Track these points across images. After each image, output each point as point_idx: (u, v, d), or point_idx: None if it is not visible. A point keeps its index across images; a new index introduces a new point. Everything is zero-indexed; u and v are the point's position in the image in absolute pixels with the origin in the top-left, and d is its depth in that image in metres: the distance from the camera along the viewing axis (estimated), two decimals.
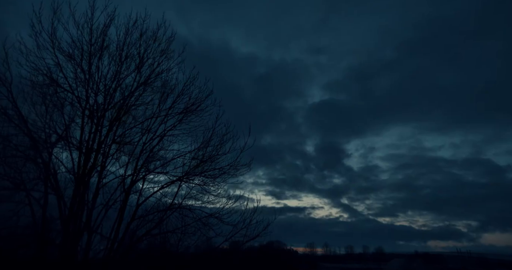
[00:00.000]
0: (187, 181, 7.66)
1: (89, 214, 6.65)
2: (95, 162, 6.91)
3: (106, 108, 7.14)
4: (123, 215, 6.97)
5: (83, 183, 6.67)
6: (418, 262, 71.11)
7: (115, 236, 6.80)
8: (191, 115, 7.81)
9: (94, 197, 6.78)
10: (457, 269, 68.51)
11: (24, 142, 6.76)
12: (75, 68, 6.95)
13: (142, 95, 7.61)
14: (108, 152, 7.19)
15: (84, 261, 6.41)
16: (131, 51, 7.34)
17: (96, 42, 6.99)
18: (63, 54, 6.83)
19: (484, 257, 75.93)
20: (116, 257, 6.75)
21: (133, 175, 7.32)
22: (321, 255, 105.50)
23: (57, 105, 7.00)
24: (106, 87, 7.16)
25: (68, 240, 6.26)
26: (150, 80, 7.62)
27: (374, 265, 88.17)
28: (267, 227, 7.21)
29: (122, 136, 7.43)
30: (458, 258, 77.23)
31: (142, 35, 7.37)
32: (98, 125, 7.09)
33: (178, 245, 7.81)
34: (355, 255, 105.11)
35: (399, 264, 70.64)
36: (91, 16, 6.93)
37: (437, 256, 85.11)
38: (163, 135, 7.68)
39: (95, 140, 7.03)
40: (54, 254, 6.66)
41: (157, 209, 7.46)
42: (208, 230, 7.45)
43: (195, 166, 7.61)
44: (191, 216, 7.52)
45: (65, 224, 6.35)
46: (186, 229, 7.48)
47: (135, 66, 7.42)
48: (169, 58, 7.74)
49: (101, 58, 7.09)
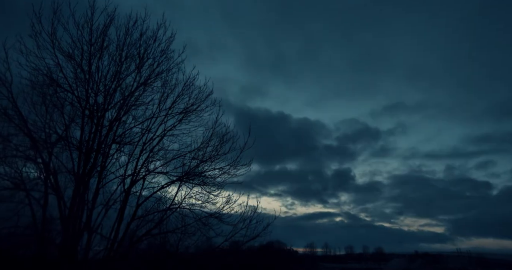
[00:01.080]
0: (187, 181, 7.66)
1: (89, 214, 6.66)
2: (95, 162, 6.91)
3: (106, 108, 7.14)
4: (123, 215, 6.97)
5: (83, 183, 6.67)
6: (418, 262, 71.15)
7: (115, 236, 6.80)
8: (191, 115, 7.83)
9: (94, 197, 6.78)
10: (457, 269, 68.52)
11: (24, 142, 6.76)
12: (75, 68, 6.95)
13: (142, 95, 7.62)
14: (108, 152, 7.19)
15: (84, 261, 6.41)
16: (131, 51, 7.35)
17: (96, 42, 6.99)
18: (63, 54, 6.82)
19: (484, 257, 75.93)
20: (116, 257, 6.76)
21: (133, 175, 7.32)
22: (321, 255, 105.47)
23: (57, 105, 7.00)
24: (106, 87, 7.16)
25: (68, 240, 6.27)
26: (150, 81, 7.63)
27: (374, 265, 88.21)
28: (267, 227, 7.23)
29: (122, 136, 7.44)
30: (458, 258, 77.23)
31: (142, 35, 7.38)
32: (98, 125, 7.09)
33: (178, 245, 7.82)
34: (355, 255, 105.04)
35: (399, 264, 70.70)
36: (91, 16, 6.92)
37: (437, 256, 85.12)
38: (163, 135, 7.69)
39: (95, 140, 7.03)
40: (54, 254, 6.67)
41: (157, 209, 7.46)
42: (208, 230, 7.45)
43: (195, 166, 7.62)
44: (191, 216, 7.53)
45: (65, 224, 6.35)
46: (186, 229, 7.49)
47: (135, 66, 7.43)
48: (169, 58, 7.75)
49: (101, 58, 7.09)
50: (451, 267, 71.05)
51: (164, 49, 7.67)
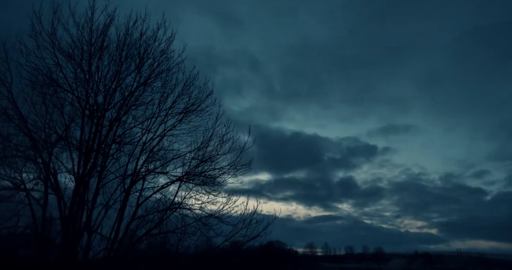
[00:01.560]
0: (187, 181, 7.66)
1: (89, 214, 6.66)
2: (95, 162, 6.91)
3: (106, 108, 7.14)
4: (123, 215, 6.97)
5: (83, 183, 6.67)
6: (418, 262, 71.12)
7: (115, 236, 6.80)
8: (191, 115, 7.82)
9: (94, 197, 6.78)
10: (457, 269, 68.54)
11: (24, 142, 6.75)
12: (75, 68, 6.94)
13: (142, 95, 7.61)
14: (108, 152, 7.19)
15: (84, 261, 6.41)
16: (131, 51, 7.34)
17: (96, 42, 6.98)
18: (63, 54, 6.82)
19: (484, 257, 75.96)
20: (116, 257, 6.76)
21: (133, 175, 7.32)
22: (321, 255, 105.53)
23: (57, 105, 7.00)
24: (106, 87, 7.16)
25: (68, 240, 6.26)
26: (150, 80, 7.62)
27: (374, 265, 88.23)
28: (267, 227, 7.23)
29: (122, 136, 7.43)
30: (458, 258, 77.26)
31: (142, 35, 7.37)
32: (98, 125, 7.09)
33: (178, 245, 7.81)
34: (355, 255, 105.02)
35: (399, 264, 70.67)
36: (91, 16, 6.92)
37: (437, 256, 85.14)
38: (163, 135, 7.69)
39: (95, 140, 7.03)
40: (54, 254, 6.67)
41: (157, 209, 7.46)
42: (208, 230, 7.45)
43: (195, 166, 7.62)
44: (191, 216, 7.53)
45: (65, 224, 6.35)
46: (186, 229, 7.49)
47: (135, 66, 7.42)
48: (169, 58, 7.75)
49: (101, 58, 7.08)
50: (451, 267, 71.07)
51: (164, 49, 7.67)
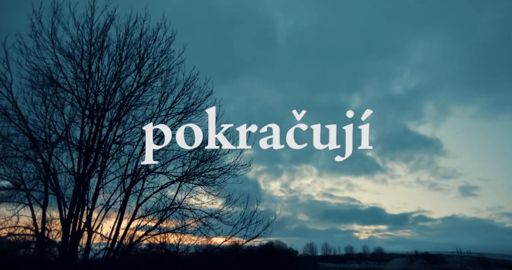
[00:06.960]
0: (187, 181, 7.66)
1: (89, 214, 6.66)
2: (95, 162, 6.91)
3: (106, 108, 7.13)
4: (123, 215, 6.98)
5: (83, 183, 6.68)
6: (418, 262, 71.07)
7: (115, 236, 6.81)
8: (191, 115, 7.82)
9: (94, 197, 6.78)
10: (457, 269, 68.57)
11: (24, 142, 6.76)
12: (75, 68, 6.94)
13: (142, 95, 7.60)
14: (108, 152, 7.19)
15: (84, 261, 6.41)
16: (131, 51, 7.34)
17: (96, 42, 6.98)
18: (63, 54, 6.82)
19: (484, 257, 75.96)
20: (116, 257, 6.76)
21: (133, 175, 7.32)
22: (321, 255, 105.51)
23: (57, 105, 7.01)
24: (106, 87, 7.16)
25: (68, 240, 6.27)
26: (150, 80, 7.61)
27: (374, 265, 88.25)
28: (267, 227, 7.22)
29: (122, 136, 7.43)
30: (458, 258, 77.29)
31: (142, 35, 7.36)
32: (98, 125, 7.09)
33: (178, 245, 7.82)
34: (355, 255, 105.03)
35: (399, 264, 70.60)
36: (91, 16, 6.91)
37: (437, 256, 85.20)
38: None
39: (95, 140, 7.03)
40: (54, 254, 6.67)
41: (157, 209, 7.46)
42: (208, 230, 7.46)
43: (195, 166, 7.62)
44: (191, 216, 7.53)
45: (65, 224, 6.35)
46: (186, 229, 7.49)
47: (135, 66, 7.41)
48: (169, 58, 7.74)
49: (101, 58, 7.08)
50: (451, 267, 71.10)
51: (164, 49, 7.65)
